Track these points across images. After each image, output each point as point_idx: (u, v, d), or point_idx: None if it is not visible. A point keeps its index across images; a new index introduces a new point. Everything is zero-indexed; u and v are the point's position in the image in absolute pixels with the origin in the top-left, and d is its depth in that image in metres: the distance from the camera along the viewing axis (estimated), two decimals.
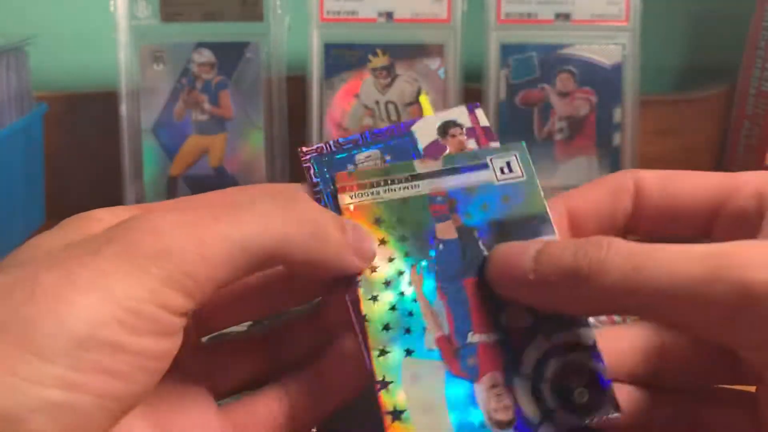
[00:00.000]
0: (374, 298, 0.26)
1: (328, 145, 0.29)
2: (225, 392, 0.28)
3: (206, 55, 0.58)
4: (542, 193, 0.27)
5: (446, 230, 0.27)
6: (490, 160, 0.28)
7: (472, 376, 0.25)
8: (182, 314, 0.21)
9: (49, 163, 0.63)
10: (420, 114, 0.59)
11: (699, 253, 0.21)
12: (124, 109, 0.58)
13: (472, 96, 0.60)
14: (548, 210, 0.27)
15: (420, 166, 0.28)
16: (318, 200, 0.28)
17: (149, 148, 0.58)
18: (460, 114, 0.30)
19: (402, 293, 0.26)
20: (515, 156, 0.28)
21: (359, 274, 0.26)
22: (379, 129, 0.29)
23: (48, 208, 0.63)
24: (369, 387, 0.25)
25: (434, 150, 0.29)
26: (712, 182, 0.27)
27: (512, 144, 0.28)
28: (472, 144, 0.29)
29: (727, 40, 0.68)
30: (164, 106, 0.58)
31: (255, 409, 0.27)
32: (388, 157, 0.28)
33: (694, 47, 0.71)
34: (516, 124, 0.59)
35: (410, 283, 0.26)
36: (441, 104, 0.59)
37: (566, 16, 0.59)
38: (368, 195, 0.27)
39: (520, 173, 0.28)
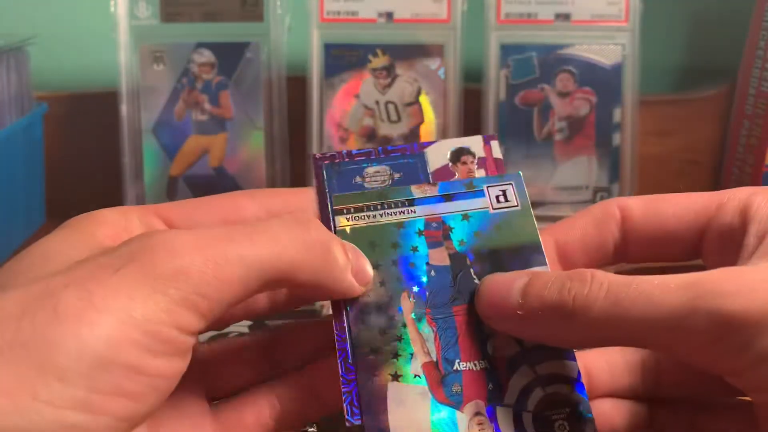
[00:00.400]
0: (364, 322, 0.26)
1: (340, 155, 0.29)
2: (223, 395, 0.28)
3: (206, 55, 0.58)
4: (536, 224, 0.28)
5: (439, 256, 0.27)
6: (487, 188, 0.28)
7: (456, 404, 0.25)
8: (194, 333, 0.22)
9: (49, 163, 0.63)
10: (420, 114, 0.59)
11: (677, 284, 0.22)
12: (124, 109, 0.58)
13: (471, 96, 0.60)
14: (541, 240, 0.27)
15: (416, 192, 0.28)
16: (323, 206, 0.28)
17: (149, 148, 0.58)
18: (474, 143, 0.30)
19: (392, 318, 0.26)
20: (512, 185, 0.28)
21: (356, 298, 0.26)
22: (394, 146, 0.29)
23: (48, 208, 0.63)
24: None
25: (442, 174, 0.29)
26: (696, 202, 0.27)
27: (509, 174, 0.29)
28: (481, 174, 0.29)
29: (726, 40, 0.68)
30: (164, 106, 0.58)
31: (244, 412, 0.27)
32: (397, 175, 0.29)
33: (694, 47, 0.71)
34: (516, 125, 0.59)
35: (401, 309, 0.26)
36: (441, 104, 0.59)
37: (566, 17, 0.59)
38: (365, 218, 0.28)
39: (515, 203, 0.28)
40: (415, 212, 0.28)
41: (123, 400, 0.20)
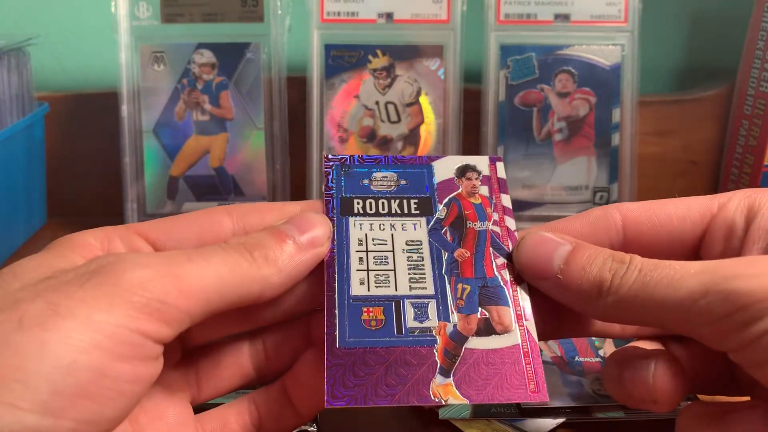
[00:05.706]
0: None
1: (351, 158, 0.31)
2: (211, 396, 0.29)
3: (207, 56, 0.58)
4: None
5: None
6: None
7: None
8: (160, 342, 0.22)
9: (50, 163, 0.63)
10: (420, 114, 0.59)
11: (696, 269, 0.23)
12: (125, 109, 0.58)
13: (471, 96, 0.60)
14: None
15: None
16: (327, 203, 0.30)
17: (150, 149, 0.58)
18: (481, 162, 0.32)
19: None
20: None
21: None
22: (403, 156, 0.32)
23: (49, 208, 0.63)
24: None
25: (446, 186, 0.31)
26: (697, 203, 0.28)
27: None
28: (484, 190, 0.31)
29: (725, 40, 0.68)
30: (165, 106, 0.58)
31: (227, 420, 0.28)
32: (402, 182, 0.31)
33: (693, 48, 0.71)
34: (515, 125, 0.59)
35: None
36: (441, 105, 0.59)
37: (565, 17, 0.59)
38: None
39: None
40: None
41: (86, 403, 0.20)
